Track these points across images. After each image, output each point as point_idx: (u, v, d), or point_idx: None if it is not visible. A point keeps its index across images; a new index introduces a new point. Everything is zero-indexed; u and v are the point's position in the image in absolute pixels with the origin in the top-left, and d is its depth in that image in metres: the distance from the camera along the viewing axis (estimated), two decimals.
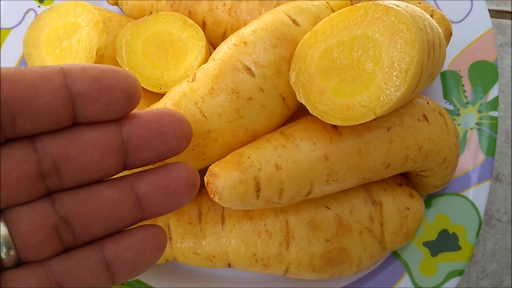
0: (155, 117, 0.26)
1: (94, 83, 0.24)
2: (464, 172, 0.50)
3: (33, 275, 0.24)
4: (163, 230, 0.28)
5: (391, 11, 0.34)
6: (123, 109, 0.25)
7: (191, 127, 0.28)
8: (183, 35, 0.45)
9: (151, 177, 0.27)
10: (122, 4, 0.50)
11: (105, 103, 0.24)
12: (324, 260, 0.42)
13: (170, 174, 0.27)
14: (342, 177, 0.39)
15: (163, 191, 0.27)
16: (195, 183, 0.28)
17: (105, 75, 0.24)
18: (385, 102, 0.34)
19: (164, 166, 0.28)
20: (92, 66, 0.24)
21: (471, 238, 0.48)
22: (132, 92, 0.25)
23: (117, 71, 0.25)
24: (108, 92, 0.24)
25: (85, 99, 0.24)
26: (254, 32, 0.38)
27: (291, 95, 0.39)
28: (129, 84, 0.25)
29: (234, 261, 0.43)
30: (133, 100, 0.25)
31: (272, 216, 0.42)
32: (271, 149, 0.37)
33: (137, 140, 0.26)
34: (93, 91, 0.24)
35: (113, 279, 0.27)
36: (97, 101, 0.24)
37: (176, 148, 0.27)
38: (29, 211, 0.24)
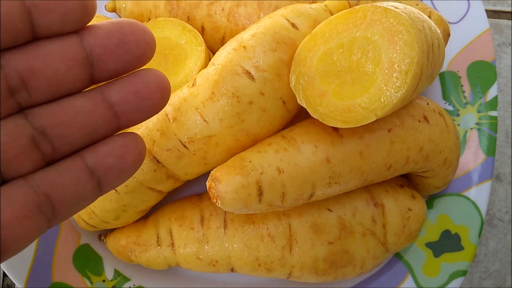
0: (115, 27, 0.26)
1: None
2: (465, 172, 0.50)
3: (19, 189, 0.24)
4: (139, 137, 0.28)
5: (390, 13, 0.34)
6: (80, 19, 0.25)
7: (153, 35, 0.28)
8: (182, 40, 0.45)
9: (121, 84, 0.27)
10: (121, 10, 0.50)
11: (61, 12, 0.24)
12: (327, 263, 0.42)
13: (139, 80, 0.27)
14: (344, 179, 0.39)
15: (134, 97, 0.27)
16: (166, 87, 0.28)
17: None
18: (386, 103, 0.34)
19: (133, 73, 0.27)
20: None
21: (473, 238, 0.48)
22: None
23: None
24: (62, 1, 0.24)
25: (40, 10, 0.23)
26: (253, 36, 0.38)
27: (292, 98, 0.39)
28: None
29: (237, 265, 0.43)
30: (89, 8, 0.25)
31: (274, 219, 0.42)
32: (273, 153, 0.37)
33: (100, 51, 0.26)
34: (47, 1, 0.24)
35: (100, 187, 0.27)
36: (52, 11, 0.24)
37: (141, 57, 0.27)
38: (4, 125, 0.24)
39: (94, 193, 0.27)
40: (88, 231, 0.48)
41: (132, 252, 0.45)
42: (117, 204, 0.42)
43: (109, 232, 0.47)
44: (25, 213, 0.24)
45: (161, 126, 0.39)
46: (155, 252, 0.44)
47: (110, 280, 0.47)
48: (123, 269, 0.48)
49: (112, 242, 0.46)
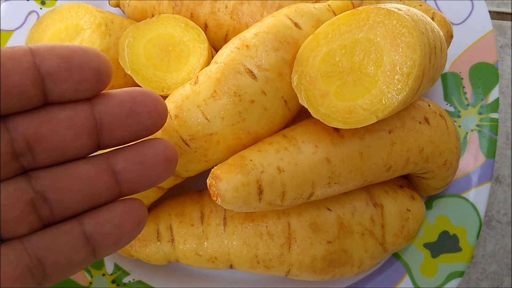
0: (128, 96, 0.26)
1: (64, 62, 0.24)
2: (464, 173, 0.50)
3: (12, 251, 0.24)
4: (142, 204, 0.28)
5: (393, 14, 0.35)
6: (94, 87, 0.25)
7: (166, 106, 0.28)
8: (185, 37, 0.45)
9: (127, 153, 0.27)
10: (124, 6, 0.50)
11: (75, 82, 0.24)
12: (325, 262, 0.42)
13: (147, 150, 0.27)
14: (343, 179, 0.39)
15: (139, 167, 0.27)
16: (173, 158, 0.28)
17: (74, 54, 0.24)
18: (387, 105, 0.34)
19: (141, 142, 0.27)
20: (61, 45, 0.24)
21: (471, 240, 0.48)
22: (103, 70, 0.25)
23: (87, 50, 0.25)
24: (77, 71, 0.24)
25: (54, 78, 0.24)
26: (256, 35, 0.39)
27: (293, 98, 0.39)
28: (99, 62, 0.25)
29: (236, 262, 0.43)
30: (103, 78, 0.25)
31: (274, 218, 0.42)
32: (273, 152, 0.37)
33: (110, 119, 0.26)
34: (62, 70, 0.24)
35: (95, 253, 0.27)
36: (67, 80, 0.24)
37: (150, 127, 0.27)
38: (5, 187, 0.24)
39: (88, 259, 0.27)
40: None
41: (132, 246, 0.45)
42: None
43: None
44: (15, 276, 0.24)
45: None
46: (155, 247, 0.45)
47: (110, 274, 0.48)
48: (123, 264, 0.48)
49: None
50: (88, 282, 0.47)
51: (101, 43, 0.44)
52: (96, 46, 0.44)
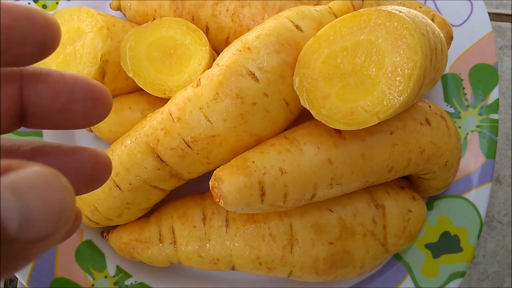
0: (65, 89, 0.22)
1: (4, 33, 0.20)
2: (465, 174, 0.50)
3: None
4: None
5: (394, 17, 0.35)
6: (34, 60, 0.21)
7: (110, 103, 0.24)
8: (187, 40, 0.45)
9: (48, 158, 0.23)
10: (125, 9, 0.51)
11: (12, 55, 0.20)
12: (327, 263, 0.42)
13: (70, 164, 0.23)
14: (345, 181, 0.39)
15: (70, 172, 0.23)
16: (99, 178, 0.24)
17: (17, 24, 0.20)
18: (389, 107, 0.34)
19: (70, 149, 0.24)
20: (5, 8, 0.20)
21: (472, 240, 0.48)
22: (49, 44, 0.21)
23: (33, 17, 0.20)
24: (18, 46, 0.20)
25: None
26: (257, 38, 0.39)
27: (295, 99, 0.39)
28: (45, 35, 0.21)
29: (238, 264, 0.43)
30: (47, 51, 0.21)
31: (276, 219, 0.42)
32: (276, 154, 0.38)
33: (37, 111, 0.22)
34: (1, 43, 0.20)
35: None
36: (3, 54, 0.20)
37: (83, 125, 0.24)
38: None
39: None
40: (91, 228, 0.49)
41: (134, 249, 0.45)
42: (121, 201, 0.42)
43: (111, 228, 0.48)
44: None
45: (165, 125, 0.39)
46: (157, 249, 0.45)
47: (112, 276, 0.48)
48: (125, 266, 0.48)
49: (114, 239, 0.47)
50: (90, 284, 0.47)
51: (103, 46, 0.45)
52: (98, 49, 0.45)
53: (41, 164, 0.17)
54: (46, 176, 0.16)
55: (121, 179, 0.41)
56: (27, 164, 0.16)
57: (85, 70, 0.45)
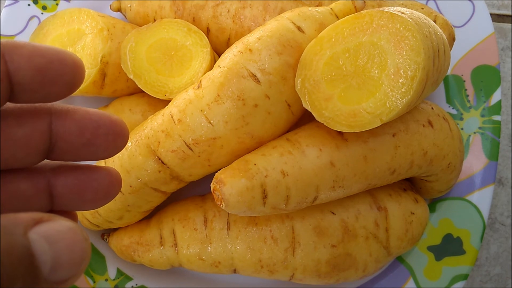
0: (91, 125, 0.24)
1: (38, 75, 0.22)
2: (467, 176, 0.50)
3: None
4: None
5: (397, 18, 0.34)
6: (63, 95, 0.23)
7: (127, 138, 0.26)
8: (188, 42, 0.45)
9: (69, 178, 0.25)
10: (126, 10, 0.50)
11: (45, 93, 0.23)
12: (329, 266, 0.42)
13: (89, 181, 0.25)
14: (348, 183, 0.39)
15: (76, 196, 0.25)
16: (113, 193, 0.26)
17: (51, 66, 0.22)
18: (391, 108, 0.34)
19: (87, 168, 0.26)
20: (39, 51, 0.22)
21: (475, 242, 0.48)
22: (77, 81, 0.23)
23: (64, 60, 0.22)
24: (50, 85, 0.22)
25: (24, 88, 0.22)
26: (259, 39, 0.38)
27: (297, 101, 0.39)
28: (74, 75, 0.23)
29: (240, 267, 0.43)
30: (75, 88, 0.23)
31: (277, 222, 0.42)
32: (277, 156, 0.37)
33: (65, 145, 0.24)
34: (35, 83, 0.22)
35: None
36: (37, 92, 0.22)
37: (104, 156, 0.25)
38: None
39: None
40: (92, 230, 0.48)
41: (135, 252, 0.45)
42: (121, 204, 0.42)
43: (112, 231, 0.48)
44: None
45: (166, 127, 0.39)
46: (158, 252, 0.44)
47: (113, 279, 0.47)
48: (126, 269, 0.48)
49: (115, 242, 0.46)
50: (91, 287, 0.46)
51: (103, 47, 0.44)
52: (98, 51, 0.44)
53: (67, 219, 0.20)
54: (72, 229, 0.20)
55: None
56: (55, 217, 0.20)
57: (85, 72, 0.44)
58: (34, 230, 0.19)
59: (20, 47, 0.22)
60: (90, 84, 0.44)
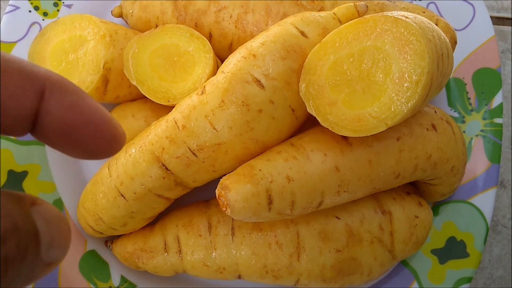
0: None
1: (65, 131, 0.20)
2: (470, 179, 0.50)
3: None
4: None
5: (401, 22, 0.35)
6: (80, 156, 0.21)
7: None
8: (190, 47, 0.45)
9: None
10: (127, 16, 0.50)
11: (62, 143, 0.21)
12: (335, 271, 0.42)
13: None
14: (353, 187, 0.39)
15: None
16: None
17: (83, 128, 0.20)
18: (396, 113, 0.34)
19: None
20: (79, 106, 0.20)
21: (478, 245, 0.48)
22: (104, 153, 0.21)
23: (102, 131, 0.20)
24: (73, 143, 0.20)
25: (44, 130, 0.20)
26: (263, 45, 0.38)
27: (301, 106, 0.39)
28: (106, 147, 0.21)
29: (245, 272, 0.43)
30: (98, 157, 0.21)
31: (282, 227, 0.42)
32: (282, 161, 0.37)
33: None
34: (57, 133, 0.20)
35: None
36: (55, 136, 0.20)
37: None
38: None
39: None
40: (95, 237, 0.48)
41: (139, 258, 0.45)
42: (125, 211, 0.42)
43: (115, 238, 0.47)
44: None
45: (170, 133, 0.39)
46: (162, 258, 0.44)
47: (117, 286, 0.47)
48: (130, 275, 0.48)
49: (119, 249, 0.46)
50: None
51: (106, 54, 0.44)
52: (100, 57, 0.44)
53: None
54: (60, 214, 0.20)
55: (125, 188, 0.41)
56: (45, 201, 0.19)
57: (87, 78, 0.44)
58: (34, 210, 0.18)
59: (66, 93, 0.20)
60: (92, 90, 0.44)
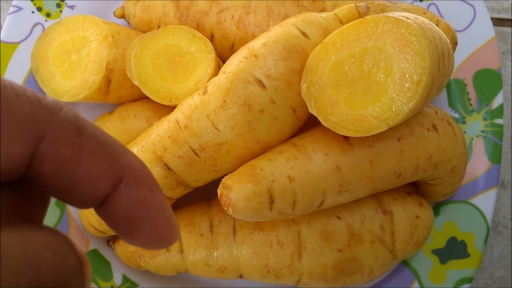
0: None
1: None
2: (471, 179, 0.50)
3: None
4: None
5: (402, 23, 0.35)
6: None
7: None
8: (192, 48, 0.45)
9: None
10: (129, 17, 0.50)
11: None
12: (336, 270, 0.42)
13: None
14: (354, 187, 0.39)
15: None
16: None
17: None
18: (398, 113, 0.34)
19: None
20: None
21: (479, 245, 0.48)
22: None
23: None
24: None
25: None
26: (264, 45, 0.39)
27: (302, 106, 0.39)
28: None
29: (246, 272, 0.43)
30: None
31: (284, 226, 0.42)
32: (284, 161, 0.37)
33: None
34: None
35: None
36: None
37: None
38: None
39: None
40: (97, 237, 0.48)
41: (141, 258, 0.45)
42: None
43: (117, 237, 0.48)
44: None
45: (172, 133, 0.39)
46: (164, 258, 0.44)
47: (119, 286, 0.47)
48: (132, 275, 0.48)
49: (120, 248, 0.46)
50: None
51: (108, 54, 0.45)
52: (103, 58, 0.44)
53: None
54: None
55: None
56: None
57: (90, 78, 0.45)
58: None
59: (141, 188, 0.19)
60: (95, 90, 0.44)
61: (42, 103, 0.17)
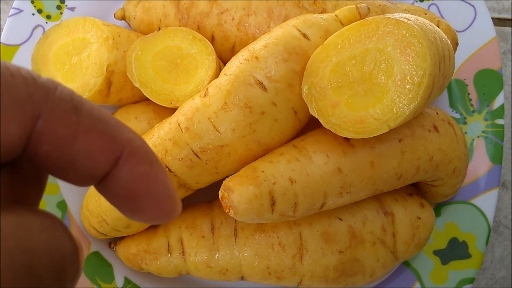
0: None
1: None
2: (472, 180, 0.50)
3: None
4: None
5: (402, 24, 0.35)
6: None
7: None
8: (193, 50, 0.45)
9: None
10: (130, 19, 0.50)
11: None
12: (337, 272, 0.42)
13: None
14: (355, 189, 0.39)
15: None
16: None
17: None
18: (399, 114, 0.34)
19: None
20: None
21: (480, 246, 0.48)
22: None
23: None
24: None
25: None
26: (265, 47, 0.39)
27: (303, 108, 0.39)
28: None
29: (248, 274, 0.43)
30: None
31: (285, 228, 0.42)
32: (285, 163, 0.37)
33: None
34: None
35: None
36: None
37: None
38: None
39: None
40: (98, 239, 0.48)
41: (142, 260, 0.45)
42: None
43: (119, 239, 0.48)
44: None
45: (173, 135, 0.39)
46: (166, 260, 0.44)
47: (120, 287, 0.47)
48: (133, 277, 0.48)
49: (122, 250, 0.46)
50: None
51: (109, 56, 0.45)
52: (104, 60, 0.44)
53: None
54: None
55: None
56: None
57: (91, 81, 0.45)
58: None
59: (140, 163, 0.19)
60: (96, 93, 0.44)
61: (38, 82, 0.17)
